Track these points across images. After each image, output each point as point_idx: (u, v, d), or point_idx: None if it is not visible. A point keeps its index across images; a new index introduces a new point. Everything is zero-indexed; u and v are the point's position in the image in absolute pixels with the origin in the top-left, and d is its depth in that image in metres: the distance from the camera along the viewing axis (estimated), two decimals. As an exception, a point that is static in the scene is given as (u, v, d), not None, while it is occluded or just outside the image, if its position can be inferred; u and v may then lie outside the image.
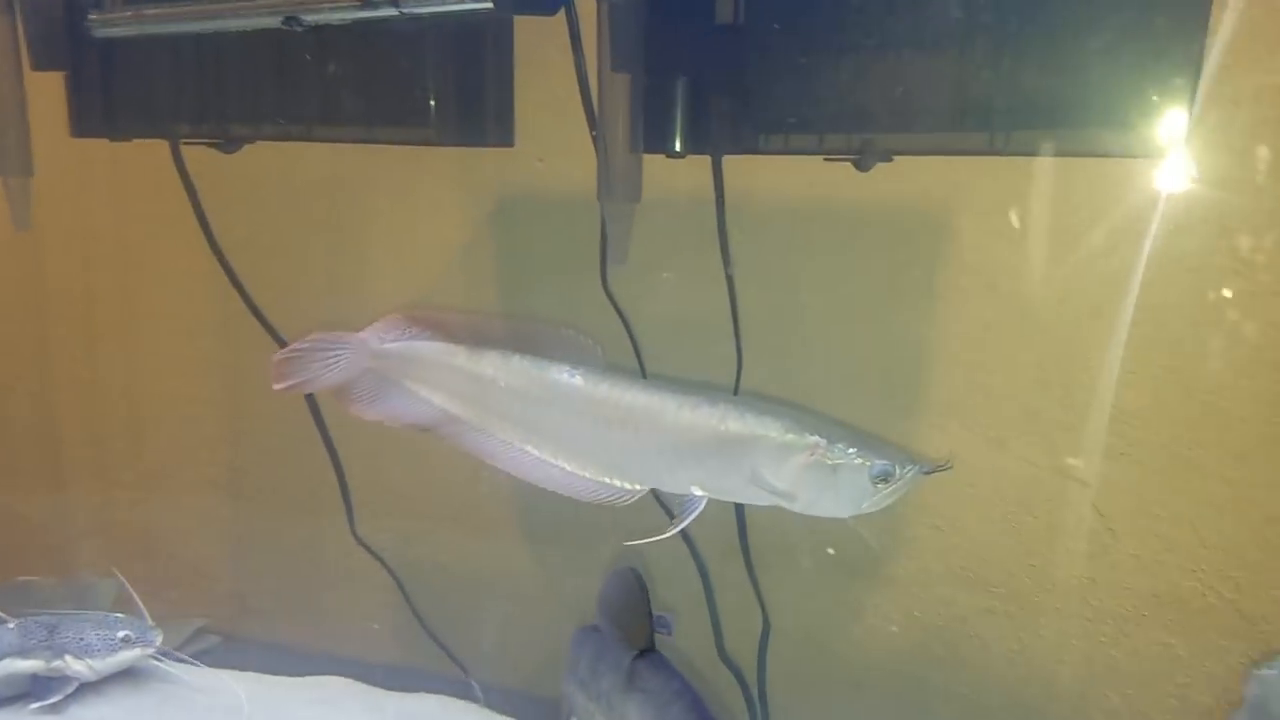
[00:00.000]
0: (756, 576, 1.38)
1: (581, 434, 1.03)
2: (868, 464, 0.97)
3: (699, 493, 1.01)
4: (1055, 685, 1.31)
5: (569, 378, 1.03)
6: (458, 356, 1.06)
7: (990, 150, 0.98)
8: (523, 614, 1.53)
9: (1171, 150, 0.95)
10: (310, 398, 1.51)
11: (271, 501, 1.65)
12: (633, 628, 1.03)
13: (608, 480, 1.03)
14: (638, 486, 1.03)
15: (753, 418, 0.99)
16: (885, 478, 0.98)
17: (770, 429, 0.98)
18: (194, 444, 1.70)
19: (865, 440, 1.01)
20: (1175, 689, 1.24)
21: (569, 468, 1.04)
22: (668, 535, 1.03)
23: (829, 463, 0.98)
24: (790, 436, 0.98)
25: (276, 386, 1.08)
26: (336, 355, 1.08)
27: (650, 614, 1.03)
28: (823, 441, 0.98)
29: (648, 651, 0.98)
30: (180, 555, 1.74)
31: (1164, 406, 1.20)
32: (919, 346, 1.29)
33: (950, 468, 1.05)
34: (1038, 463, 1.27)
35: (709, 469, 1.00)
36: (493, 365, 1.05)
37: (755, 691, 1.43)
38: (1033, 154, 1.11)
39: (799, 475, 0.98)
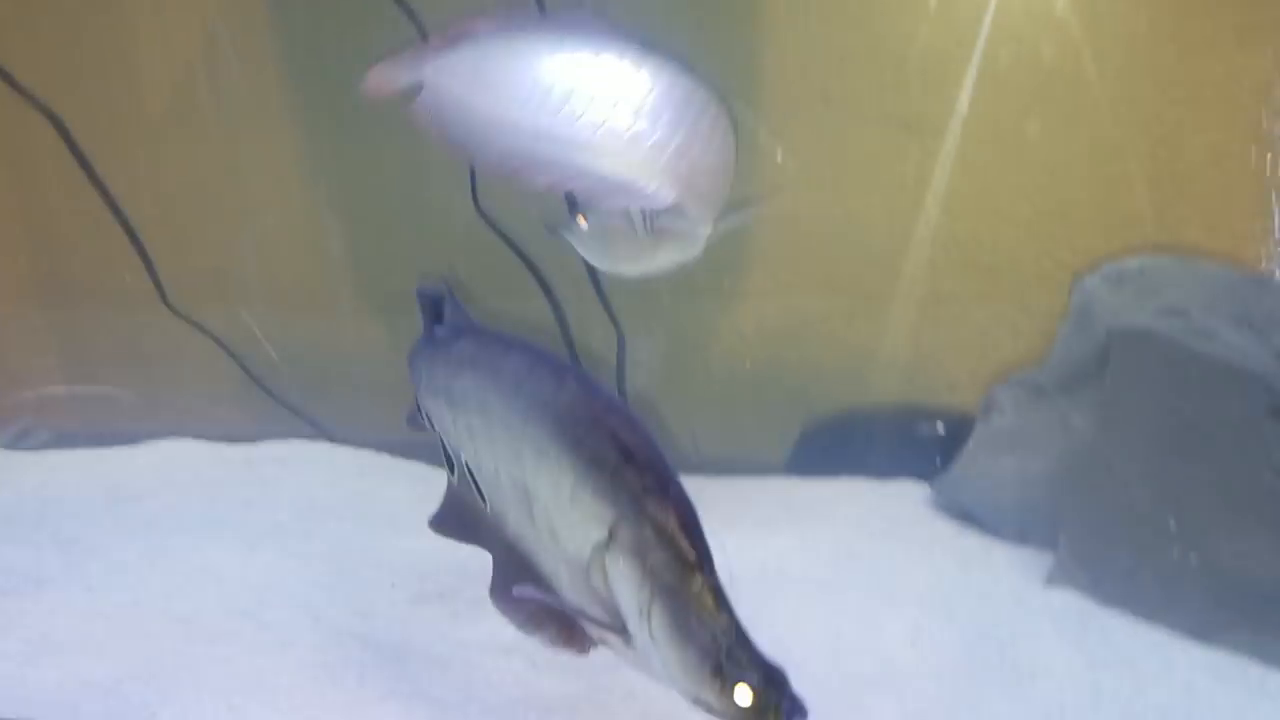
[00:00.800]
0: (608, 298, 1.36)
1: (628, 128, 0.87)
2: None
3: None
4: (902, 369, 1.34)
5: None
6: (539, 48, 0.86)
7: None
8: (365, 366, 1.46)
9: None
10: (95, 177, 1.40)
11: (83, 296, 1.53)
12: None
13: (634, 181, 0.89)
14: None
15: None
16: None
17: None
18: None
19: None
20: (1014, 353, 1.29)
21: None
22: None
23: None
24: None
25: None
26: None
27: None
28: None
29: (470, 332, 0.89)
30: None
31: (993, 81, 1.20)
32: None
33: None
34: (880, 165, 1.26)
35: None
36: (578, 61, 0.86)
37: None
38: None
39: None
